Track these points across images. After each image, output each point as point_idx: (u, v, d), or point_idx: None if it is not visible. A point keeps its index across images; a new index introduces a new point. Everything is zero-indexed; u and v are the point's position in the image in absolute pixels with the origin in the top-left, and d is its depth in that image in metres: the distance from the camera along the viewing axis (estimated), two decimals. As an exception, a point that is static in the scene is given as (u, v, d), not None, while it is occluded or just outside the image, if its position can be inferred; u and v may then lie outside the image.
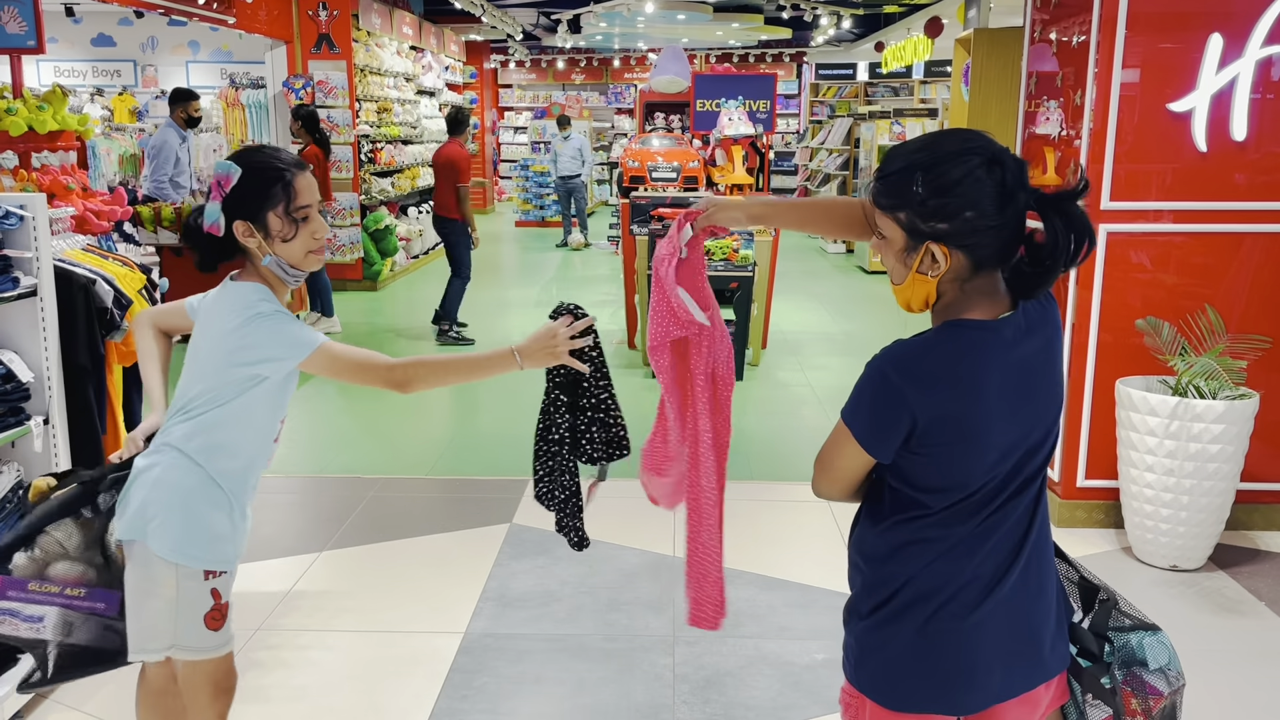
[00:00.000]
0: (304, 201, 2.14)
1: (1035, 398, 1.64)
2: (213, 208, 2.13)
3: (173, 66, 13.74)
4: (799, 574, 3.97)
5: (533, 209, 16.95)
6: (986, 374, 1.60)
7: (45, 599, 2.17)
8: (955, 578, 1.65)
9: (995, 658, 1.66)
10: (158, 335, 2.40)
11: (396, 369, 2.14)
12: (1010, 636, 1.66)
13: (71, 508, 2.20)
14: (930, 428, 1.59)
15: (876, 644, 1.71)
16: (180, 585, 2.13)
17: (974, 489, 1.63)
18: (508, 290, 11.20)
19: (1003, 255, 1.60)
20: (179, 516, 2.13)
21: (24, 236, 3.11)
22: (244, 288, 2.17)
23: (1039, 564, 1.70)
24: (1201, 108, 4.10)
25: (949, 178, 1.55)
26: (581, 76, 23.05)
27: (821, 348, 8.09)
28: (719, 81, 10.58)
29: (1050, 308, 1.70)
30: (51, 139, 5.03)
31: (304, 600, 3.79)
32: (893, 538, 1.70)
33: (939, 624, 1.65)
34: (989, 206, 1.54)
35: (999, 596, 1.65)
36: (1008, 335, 1.61)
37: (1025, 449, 1.65)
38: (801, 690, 3.18)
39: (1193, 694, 3.18)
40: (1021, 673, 1.68)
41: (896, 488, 1.68)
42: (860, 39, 18.84)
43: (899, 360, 1.60)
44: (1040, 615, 1.70)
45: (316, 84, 10.28)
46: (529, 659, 3.37)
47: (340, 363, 2.13)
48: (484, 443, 5.90)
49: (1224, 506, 3.99)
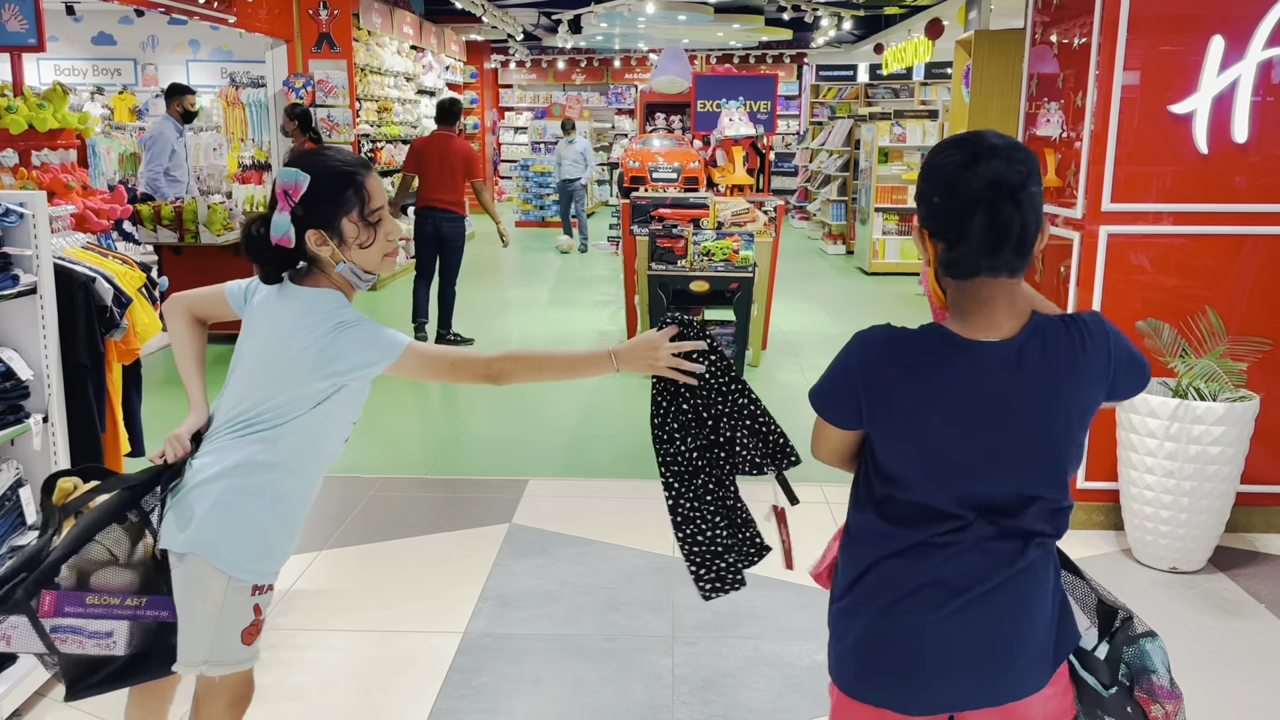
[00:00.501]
0: (378, 203, 2.06)
1: (1004, 429, 1.59)
2: (281, 219, 2.01)
3: (173, 65, 13.73)
4: (799, 574, 3.96)
5: (533, 209, 16.96)
6: (937, 385, 1.59)
7: (109, 612, 2.06)
8: (914, 577, 1.64)
9: (955, 663, 1.64)
10: (192, 323, 2.27)
11: (494, 363, 2.06)
12: (975, 647, 1.63)
13: (118, 513, 2.10)
14: (874, 412, 1.64)
15: (841, 629, 1.73)
16: (227, 598, 2.04)
17: (927, 499, 1.62)
18: (508, 290, 11.20)
19: (977, 253, 1.57)
20: (247, 534, 2.06)
21: (24, 234, 3.11)
22: (319, 295, 2.06)
23: (1025, 587, 1.65)
24: (1203, 110, 4.10)
25: (932, 162, 1.62)
26: (582, 77, 23.06)
27: (821, 349, 8.09)
28: (720, 82, 10.58)
29: (1083, 358, 1.61)
30: (52, 137, 5.02)
31: (303, 599, 3.79)
32: (862, 521, 1.72)
33: (895, 618, 1.65)
34: (957, 197, 1.56)
35: (964, 604, 1.62)
36: (981, 359, 1.59)
37: (1001, 487, 1.60)
38: (801, 691, 3.18)
39: (1193, 696, 3.17)
40: (985, 685, 1.65)
41: (869, 472, 1.72)
42: (861, 40, 18.85)
43: (863, 338, 1.67)
44: (1017, 633, 1.64)
45: (317, 83, 10.28)
46: (528, 659, 3.37)
47: (432, 361, 2.05)
48: (484, 442, 5.90)
49: (1224, 508, 3.98)
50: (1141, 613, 3.58)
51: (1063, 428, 1.62)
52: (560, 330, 8.80)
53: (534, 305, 10.12)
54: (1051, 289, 4.50)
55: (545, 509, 4.65)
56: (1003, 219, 1.54)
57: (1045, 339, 1.61)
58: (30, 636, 2.04)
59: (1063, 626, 1.72)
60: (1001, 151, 1.56)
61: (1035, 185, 1.58)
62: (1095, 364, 1.63)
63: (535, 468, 5.27)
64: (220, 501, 2.04)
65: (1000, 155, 1.55)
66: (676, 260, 6.81)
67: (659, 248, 6.82)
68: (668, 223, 7.00)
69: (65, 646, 2.06)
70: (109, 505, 2.11)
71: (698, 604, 3.74)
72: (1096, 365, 1.63)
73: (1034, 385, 1.60)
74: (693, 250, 6.79)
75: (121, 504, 2.11)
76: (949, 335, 1.61)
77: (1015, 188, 1.54)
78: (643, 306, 7.13)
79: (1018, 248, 1.57)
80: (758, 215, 7.43)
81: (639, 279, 7.13)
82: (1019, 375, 1.59)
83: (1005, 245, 1.56)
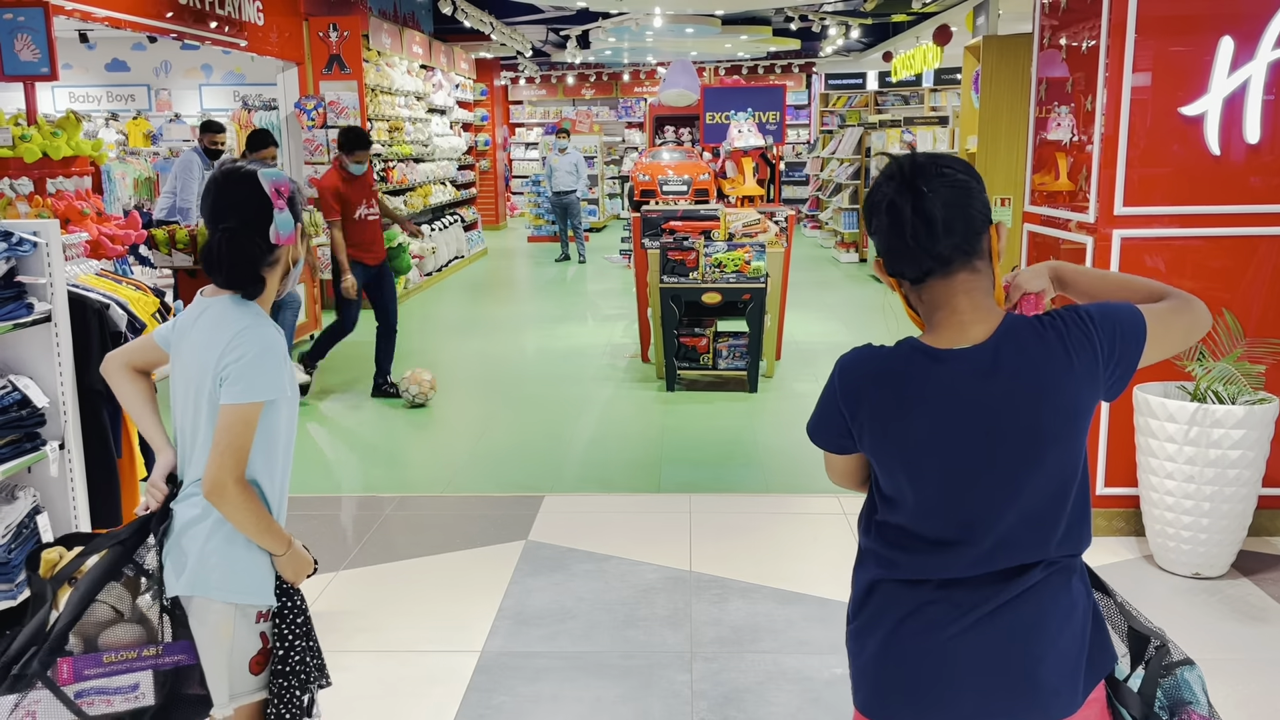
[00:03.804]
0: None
1: (990, 438, 1.55)
2: (284, 217, 2.03)
3: (186, 90, 13.86)
4: (817, 588, 3.95)
5: (544, 224, 17.00)
6: (916, 399, 1.59)
7: (130, 666, 2.05)
8: (916, 596, 1.62)
9: (966, 684, 1.60)
10: (134, 375, 2.28)
11: (240, 483, 2.04)
12: (987, 667, 1.59)
13: (114, 570, 2.10)
14: (862, 435, 1.66)
15: (855, 649, 1.72)
16: (236, 628, 2.07)
17: (923, 522, 1.61)
18: (522, 305, 11.22)
19: (908, 252, 1.58)
20: (242, 560, 2.07)
21: (38, 263, 3.13)
22: (242, 310, 2.07)
23: (1039, 604, 1.59)
24: (1214, 111, 4.08)
25: (870, 198, 1.66)
26: (591, 91, 23.12)
27: (836, 358, 8.05)
28: (728, 94, 10.60)
29: (1065, 359, 1.56)
30: (66, 165, 5.07)
31: (320, 620, 3.76)
32: (866, 542, 1.72)
33: (902, 638, 1.63)
34: (890, 228, 1.60)
35: (971, 623, 1.58)
36: (957, 367, 1.57)
37: (999, 504, 1.56)
38: (821, 706, 3.15)
39: (1218, 703, 3.13)
40: (1002, 707, 1.60)
41: (873, 493, 1.73)
42: (869, 48, 18.83)
43: (844, 363, 1.70)
44: (1033, 652, 1.58)
45: (328, 104, 10.34)
46: (546, 677, 3.36)
47: (234, 426, 2.03)
48: (498, 459, 5.90)
49: (1246, 513, 3.94)
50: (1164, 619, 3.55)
51: (1053, 433, 1.56)
52: (574, 344, 8.81)
53: (547, 320, 10.13)
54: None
55: (561, 525, 4.64)
56: (908, 211, 1.56)
57: (1020, 341, 1.57)
58: (56, 709, 2.02)
59: (1096, 646, 1.64)
60: (904, 160, 1.62)
61: (941, 174, 1.57)
62: (1081, 363, 1.57)
63: (551, 484, 5.27)
64: (209, 537, 2.06)
65: (902, 162, 1.61)
66: (688, 273, 6.81)
67: (670, 260, 6.82)
68: (679, 235, 7.00)
69: (94, 709, 2.04)
70: (103, 565, 2.11)
71: (716, 619, 3.72)
72: (1083, 364, 1.57)
73: (1014, 390, 1.55)
74: (704, 262, 6.79)
75: (115, 560, 2.11)
76: (922, 348, 1.61)
77: (911, 180, 1.57)
78: (655, 320, 7.13)
79: (946, 234, 1.55)
80: (769, 226, 7.43)
81: (651, 292, 7.14)
82: (995, 381, 1.56)
83: (923, 234, 1.56)
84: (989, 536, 1.58)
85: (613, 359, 8.18)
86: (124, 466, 3.55)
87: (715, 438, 5.98)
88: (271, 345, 2.03)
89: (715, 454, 5.72)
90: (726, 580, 4.03)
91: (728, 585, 3.99)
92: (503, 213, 19.62)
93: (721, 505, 4.87)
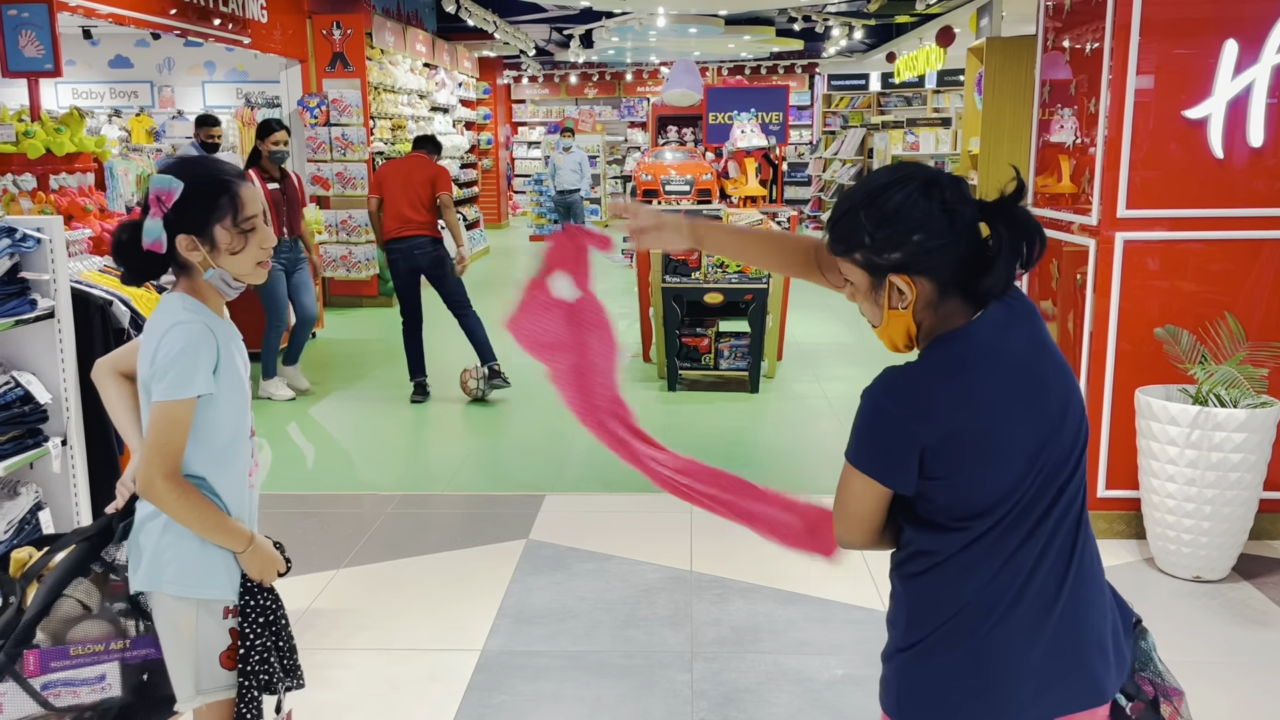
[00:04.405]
0: (251, 212, 2.06)
1: (1045, 387, 1.60)
2: (153, 224, 2.01)
3: (189, 87, 13.87)
4: (817, 588, 3.95)
5: (547, 223, 17.01)
6: (985, 379, 1.57)
7: (96, 659, 2.08)
8: (1004, 597, 1.60)
9: (1040, 678, 1.60)
10: (120, 381, 2.29)
11: (179, 480, 2.03)
12: (1055, 656, 1.60)
13: (81, 566, 2.14)
14: (941, 451, 1.56)
15: (924, 672, 1.65)
16: (199, 624, 2.07)
17: (1011, 504, 1.58)
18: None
19: (965, 272, 1.58)
20: (196, 555, 2.07)
21: (41, 259, 3.14)
22: (178, 307, 2.07)
23: (1086, 583, 1.63)
24: (1218, 114, 4.07)
25: (889, 206, 1.57)
26: (594, 90, 23.13)
27: (838, 359, 8.06)
28: (731, 94, 10.60)
29: (1015, 302, 1.64)
30: (69, 161, 5.07)
31: (321, 618, 3.79)
32: (928, 567, 1.65)
33: (988, 644, 1.60)
34: (936, 226, 1.56)
35: (1043, 614, 1.60)
36: (989, 333, 1.59)
37: (1055, 449, 1.59)
38: (822, 706, 3.15)
39: (1218, 706, 3.14)
40: (1061, 694, 1.61)
41: (929, 517, 1.63)
42: (872, 49, 18.82)
43: (894, 390, 1.59)
44: (1084, 634, 1.62)
45: (331, 102, 10.35)
46: (547, 676, 3.36)
47: (154, 429, 2.02)
48: (500, 458, 5.90)
49: (1247, 516, 3.94)
50: (1165, 623, 3.55)
51: (1058, 357, 1.65)
52: (575, 344, 8.80)
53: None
54: (1068, 297, 4.47)
55: (562, 524, 4.64)
56: (977, 232, 1.59)
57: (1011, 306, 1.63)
58: (22, 699, 2.06)
59: (1118, 620, 1.69)
60: (942, 175, 1.60)
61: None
62: (1022, 301, 1.66)
63: (552, 483, 5.27)
64: (163, 532, 2.07)
65: (944, 178, 1.60)
66: (690, 272, 6.81)
67: (673, 260, 6.82)
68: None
69: (60, 700, 2.08)
70: (71, 560, 2.13)
71: (716, 619, 3.72)
72: (1022, 301, 1.66)
73: (1027, 333, 1.62)
74: (706, 262, 6.79)
75: (82, 557, 2.14)
76: (952, 334, 1.61)
77: (930, 174, 1.60)
78: (657, 319, 7.13)
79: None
80: (772, 226, 7.43)
81: (653, 292, 7.14)
82: (1014, 331, 1.61)
83: (965, 217, 1.59)
84: (1058, 478, 1.61)
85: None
86: (125, 463, 3.55)
87: (717, 438, 5.98)
88: (197, 342, 2.01)
89: (716, 454, 5.72)
90: (727, 580, 4.03)
91: (728, 585, 3.99)
92: (505, 211, 19.62)
93: (722, 505, 4.86)
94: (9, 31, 5.56)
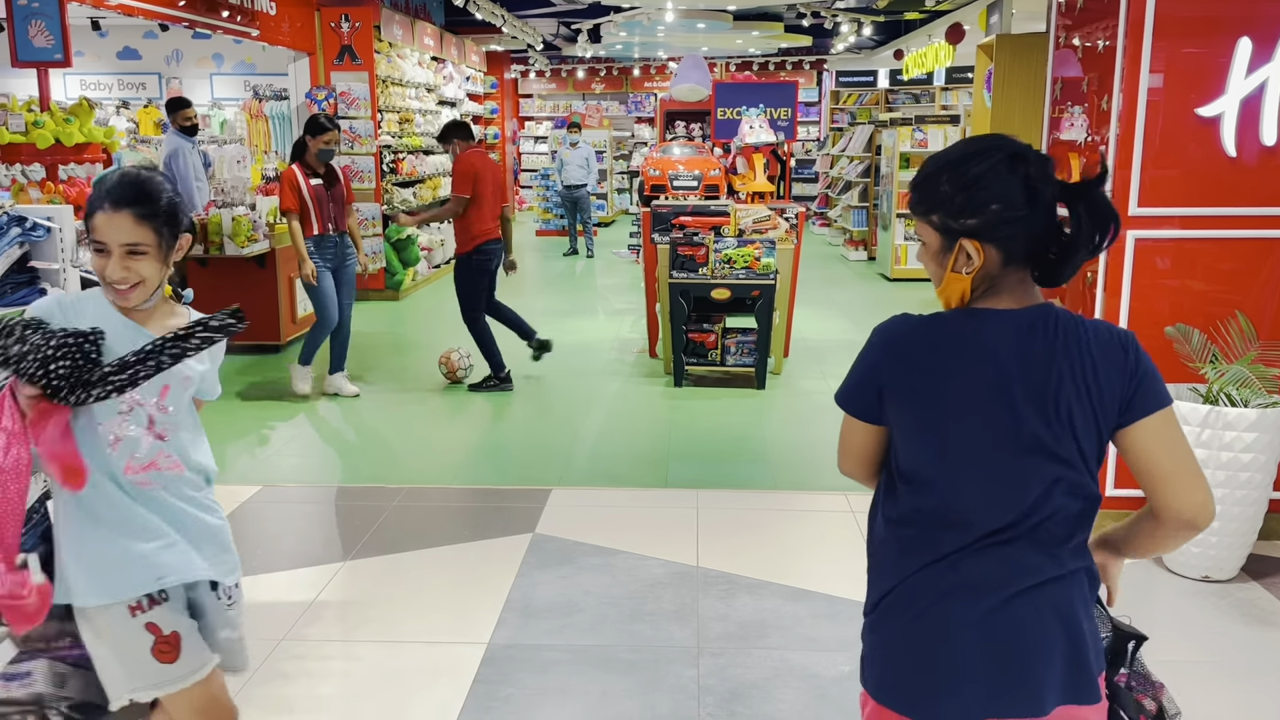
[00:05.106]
0: (97, 238, 2.09)
1: (1020, 412, 1.59)
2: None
3: (197, 79, 13.86)
4: (824, 584, 3.94)
5: (553, 218, 17.00)
6: (955, 359, 1.62)
7: (31, 655, 2.13)
8: (939, 584, 1.64)
9: (976, 671, 1.62)
10: None
11: None
12: (994, 656, 1.61)
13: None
14: (891, 395, 1.66)
15: (870, 639, 1.74)
16: (113, 628, 2.08)
17: (965, 502, 1.62)
18: (530, 299, 11.21)
19: (1034, 248, 1.63)
20: (83, 556, 2.08)
21: (51, 248, 3.14)
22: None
23: (1047, 601, 1.64)
24: (1230, 112, 4.05)
25: (973, 174, 1.62)
26: (601, 86, 23.09)
27: (844, 355, 8.03)
28: (740, 90, 10.59)
29: (1064, 326, 1.62)
30: (78, 151, 5.08)
31: (328, 610, 3.79)
32: (889, 534, 1.72)
33: (921, 624, 1.65)
34: (1015, 199, 1.60)
35: (989, 609, 1.62)
36: (996, 326, 1.62)
37: (1016, 474, 1.60)
38: (828, 703, 3.15)
39: (1225, 707, 3.13)
40: (1004, 698, 1.62)
41: (895, 480, 1.71)
42: (881, 46, 18.79)
43: (887, 327, 1.70)
44: (1033, 647, 1.62)
45: (339, 95, 10.35)
46: (553, 670, 3.36)
47: None
48: (507, 451, 5.90)
49: (1257, 516, 3.92)
50: (1173, 622, 3.54)
51: (1067, 402, 1.62)
52: (582, 338, 8.81)
53: (554, 314, 10.13)
54: (1078, 295, 4.46)
55: (569, 518, 4.64)
56: (1054, 211, 1.64)
57: (1056, 317, 1.64)
58: None
59: (1088, 649, 1.66)
60: (1030, 151, 1.64)
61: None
62: (1078, 342, 1.63)
63: (558, 477, 5.27)
64: (59, 546, 2.10)
65: (1031, 154, 1.63)
66: (698, 268, 6.80)
67: (680, 255, 6.81)
68: (688, 230, 6.99)
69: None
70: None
71: (723, 614, 3.72)
72: (1077, 342, 1.63)
73: (1057, 359, 1.61)
74: (714, 258, 6.78)
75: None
76: (981, 311, 1.65)
77: (1017, 148, 1.65)
78: (664, 315, 7.12)
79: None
80: (779, 222, 7.41)
81: (660, 287, 7.13)
82: (1046, 341, 1.62)
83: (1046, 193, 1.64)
84: (1014, 510, 1.65)
85: (620, 354, 8.18)
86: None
87: (723, 434, 5.97)
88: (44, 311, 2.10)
89: (723, 450, 5.71)
90: (734, 576, 4.03)
91: (735, 581, 3.99)
92: (511, 206, 19.62)
93: (729, 501, 4.86)
94: (19, 21, 5.56)
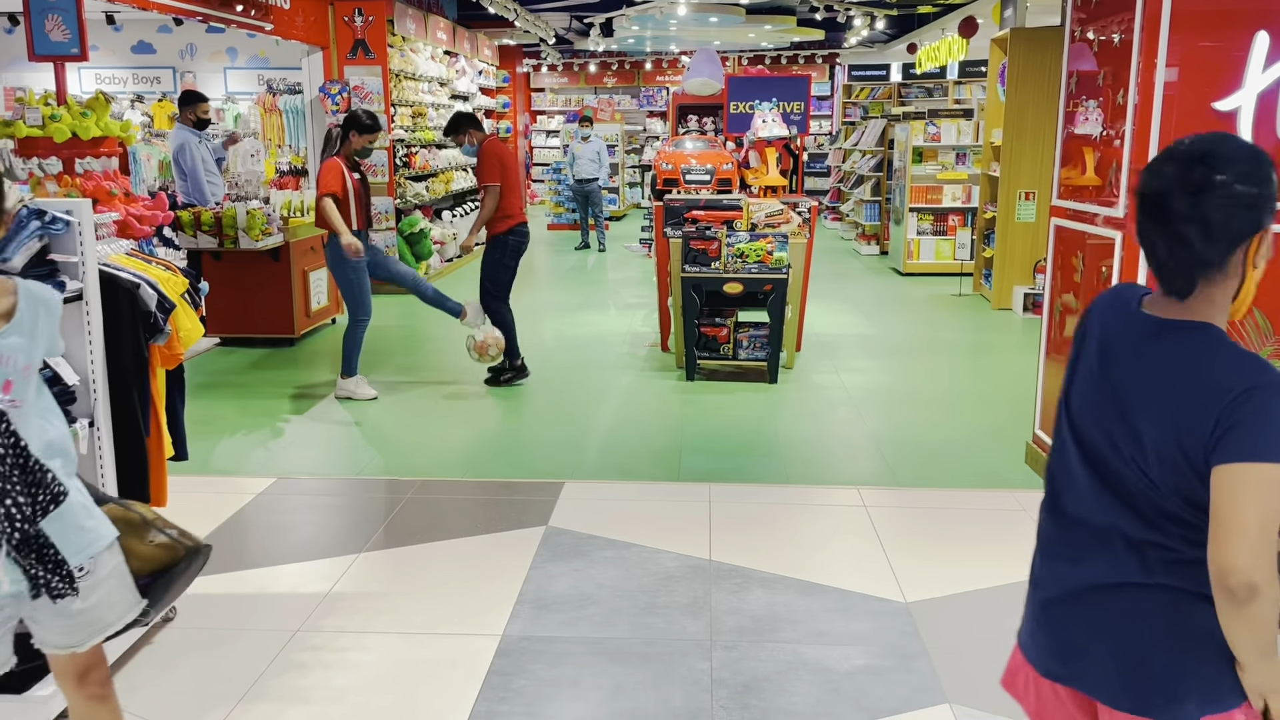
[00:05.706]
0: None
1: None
2: None
3: (211, 73, 13.89)
4: (837, 579, 3.95)
5: (565, 212, 17.00)
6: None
7: None
8: None
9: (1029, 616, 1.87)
10: None
11: None
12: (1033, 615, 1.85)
13: None
14: None
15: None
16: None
17: None
18: (542, 293, 11.23)
19: None
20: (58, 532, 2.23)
21: (70, 242, 3.16)
22: None
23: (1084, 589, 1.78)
24: (1248, 107, 4.04)
25: (1263, 165, 1.63)
26: (613, 79, 23.08)
27: (856, 350, 8.04)
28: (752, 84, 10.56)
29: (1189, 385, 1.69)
30: (95, 145, 5.09)
31: (342, 602, 3.82)
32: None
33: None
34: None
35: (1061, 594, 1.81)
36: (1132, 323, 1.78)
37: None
38: (841, 697, 3.16)
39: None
40: (1036, 646, 1.82)
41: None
42: (894, 40, 18.73)
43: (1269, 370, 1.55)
44: (1061, 619, 1.79)
45: (352, 89, 10.37)
46: (567, 662, 3.37)
47: None
48: (520, 444, 5.92)
49: None
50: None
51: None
52: (594, 331, 8.82)
53: (568, 308, 10.15)
54: (1092, 290, 4.45)
55: (582, 511, 4.65)
56: None
57: (1185, 342, 1.69)
58: None
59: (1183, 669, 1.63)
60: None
61: None
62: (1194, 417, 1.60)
63: (572, 470, 5.28)
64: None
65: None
66: (710, 262, 6.80)
67: (692, 250, 6.82)
68: (701, 225, 6.99)
69: None
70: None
71: (735, 608, 3.73)
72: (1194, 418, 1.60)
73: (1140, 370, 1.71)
74: (726, 252, 6.78)
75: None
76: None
77: None
78: (676, 309, 7.13)
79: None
80: (791, 216, 7.41)
81: (672, 281, 7.13)
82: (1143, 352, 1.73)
83: None
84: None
85: (633, 347, 8.19)
86: (152, 445, 3.58)
87: (735, 428, 5.98)
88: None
89: (735, 444, 5.72)
90: (746, 570, 4.03)
91: (748, 575, 3.99)
92: (523, 200, 19.62)
93: (741, 495, 4.87)
94: (36, 15, 5.59)
